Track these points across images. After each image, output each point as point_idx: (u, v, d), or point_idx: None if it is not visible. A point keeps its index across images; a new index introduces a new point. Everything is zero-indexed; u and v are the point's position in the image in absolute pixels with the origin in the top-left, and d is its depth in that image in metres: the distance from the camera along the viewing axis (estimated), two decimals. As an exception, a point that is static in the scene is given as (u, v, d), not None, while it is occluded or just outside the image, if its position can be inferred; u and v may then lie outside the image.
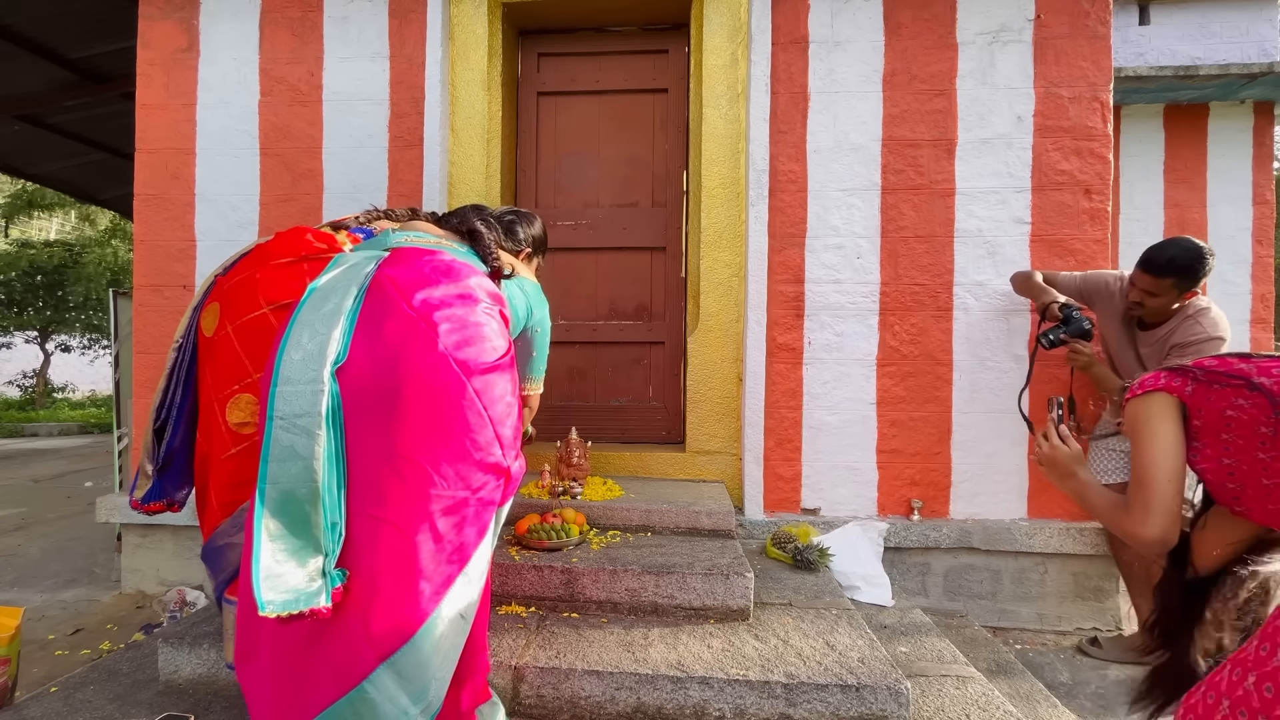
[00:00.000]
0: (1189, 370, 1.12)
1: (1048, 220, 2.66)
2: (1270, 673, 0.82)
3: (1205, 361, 1.13)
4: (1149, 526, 1.09)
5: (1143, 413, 1.14)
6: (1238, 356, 1.11)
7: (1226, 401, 1.05)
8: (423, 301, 1.22)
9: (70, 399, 12.23)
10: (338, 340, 1.18)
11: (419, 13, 2.87)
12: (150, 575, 2.97)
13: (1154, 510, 1.09)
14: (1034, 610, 2.67)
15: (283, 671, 1.13)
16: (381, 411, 1.16)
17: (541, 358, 1.70)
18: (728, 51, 2.85)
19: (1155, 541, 1.10)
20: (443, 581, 1.17)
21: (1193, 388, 1.09)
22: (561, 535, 2.07)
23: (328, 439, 1.12)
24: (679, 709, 1.57)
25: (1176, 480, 1.08)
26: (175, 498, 1.60)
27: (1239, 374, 1.06)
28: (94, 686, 1.77)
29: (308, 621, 1.09)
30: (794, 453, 2.72)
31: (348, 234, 1.63)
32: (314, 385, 1.14)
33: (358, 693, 1.10)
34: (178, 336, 1.57)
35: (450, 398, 1.18)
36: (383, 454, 1.15)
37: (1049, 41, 2.66)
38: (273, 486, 1.12)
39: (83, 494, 5.04)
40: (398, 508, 1.15)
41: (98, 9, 3.58)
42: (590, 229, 3.09)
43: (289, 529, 1.10)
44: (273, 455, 1.12)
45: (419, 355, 1.18)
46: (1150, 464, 1.10)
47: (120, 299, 3.29)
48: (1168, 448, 1.09)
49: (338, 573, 1.11)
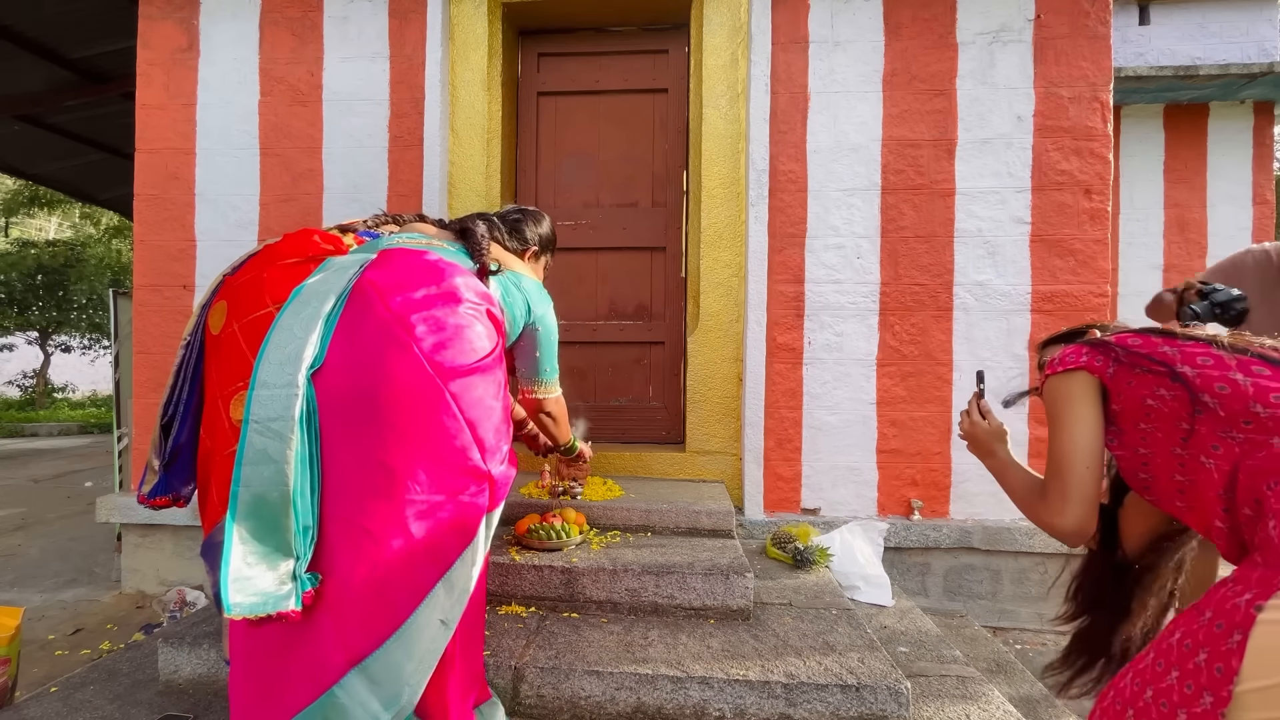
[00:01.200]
0: (1111, 348, 1.03)
1: (1048, 220, 2.66)
2: (1165, 689, 0.81)
3: (1128, 339, 1.04)
4: (1065, 516, 1.03)
5: (1063, 392, 1.05)
6: (1162, 336, 1.02)
7: (1147, 389, 0.97)
8: (400, 303, 1.22)
9: (70, 399, 12.24)
10: (314, 344, 1.18)
11: (419, 13, 2.87)
12: (150, 575, 2.97)
13: (1071, 499, 1.02)
14: (1034, 610, 2.66)
15: (255, 674, 1.13)
16: (357, 415, 1.16)
17: (547, 358, 1.65)
18: (728, 51, 2.85)
19: (1071, 532, 1.04)
20: (419, 586, 1.16)
21: (1114, 369, 1.01)
22: (561, 535, 2.07)
23: (300, 443, 1.12)
24: (679, 709, 1.56)
25: (1096, 468, 1.02)
26: (181, 492, 1.61)
27: (1162, 360, 0.97)
28: (94, 686, 1.77)
29: (280, 625, 1.09)
30: (794, 453, 2.72)
31: (355, 237, 1.63)
32: (288, 389, 1.14)
33: (328, 697, 1.09)
34: (186, 334, 1.58)
35: (425, 401, 1.17)
36: (357, 458, 1.15)
37: (1049, 41, 2.66)
38: (245, 489, 1.12)
39: (83, 494, 5.04)
40: (371, 512, 1.14)
41: (98, 9, 3.59)
42: (590, 229, 3.09)
43: (260, 532, 1.10)
44: (246, 458, 1.13)
45: (394, 358, 1.17)
46: (1069, 449, 1.03)
47: (120, 299, 3.29)
48: (1087, 432, 1.02)
49: (309, 576, 1.11)
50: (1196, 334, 1.00)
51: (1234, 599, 0.79)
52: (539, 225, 1.81)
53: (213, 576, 1.53)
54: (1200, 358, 0.95)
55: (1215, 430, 0.90)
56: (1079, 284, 2.64)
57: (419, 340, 1.19)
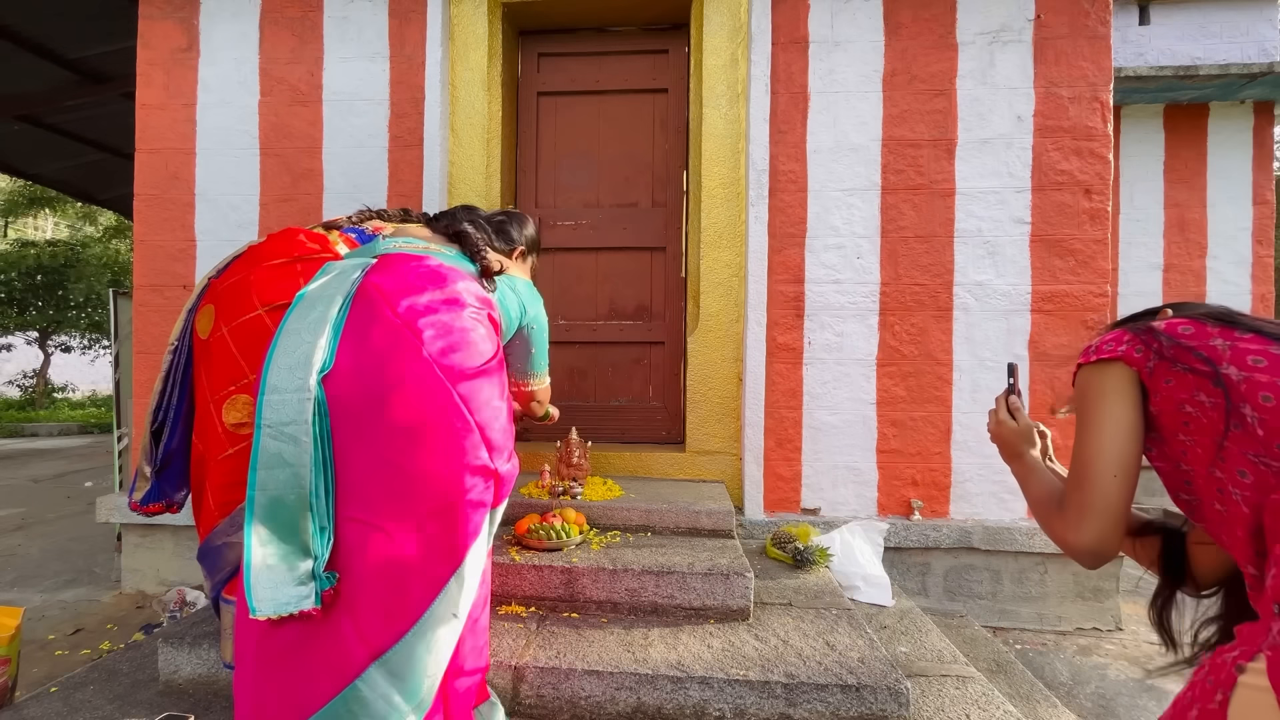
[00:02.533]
0: (1156, 336, 0.84)
1: (1048, 220, 2.66)
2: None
3: (1178, 326, 0.84)
4: (1081, 533, 0.85)
5: (1094, 385, 0.88)
6: (1221, 325, 0.81)
7: (1186, 393, 0.80)
8: (408, 308, 1.24)
9: (70, 399, 12.23)
10: (324, 348, 1.19)
11: (419, 13, 2.87)
12: (150, 575, 2.97)
13: (1089, 513, 0.84)
14: (1034, 610, 2.67)
15: (274, 674, 1.15)
16: (368, 418, 1.18)
17: (541, 353, 1.72)
18: (728, 51, 2.85)
19: (1086, 551, 0.86)
20: (433, 582, 1.18)
21: (1154, 364, 0.83)
22: (561, 535, 2.07)
23: (314, 446, 1.15)
24: (679, 709, 1.57)
25: (1124, 477, 0.84)
26: (174, 499, 1.60)
27: (1209, 355, 0.79)
28: (94, 686, 1.77)
29: (299, 623, 1.12)
30: (794, 453, 2.72)
31: (340, 234, 1.63)
32: (300, 393, 1.16)
33: (351, 690, 1.12)
34: (173, 339, 1.57)
35: (436, 403, 1.19)
36: (370, 459, 1.18)
37: (1049, 41, 2.66)
38: (261, 493, 1.14)
39: (83, 494, 5.04)
40: (385, 512, 1.17)
41: (98, 9, 3.58)
42: (590, 229, 3.09)
43: (278, 534, 1.13)
44: (261, 463, 1.15)
45: (404, 362, 1.19)
46: (1093, 454, 0.85)
47: (120, 299, 3.29)
48: (1118, 435, 0.84)
49: (328, 575, 1.13)
50: (1264, 324, 0.80)
51: (1225, 653, 0.70)
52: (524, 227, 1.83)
53: (211, 580, 1.53)
54: (1253, 357, 0.75)
55: (1246, 452, 0.73)
56: (1079, 284, 2.64)
57: (427, 344, 1.21)
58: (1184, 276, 4.27)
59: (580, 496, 2.39)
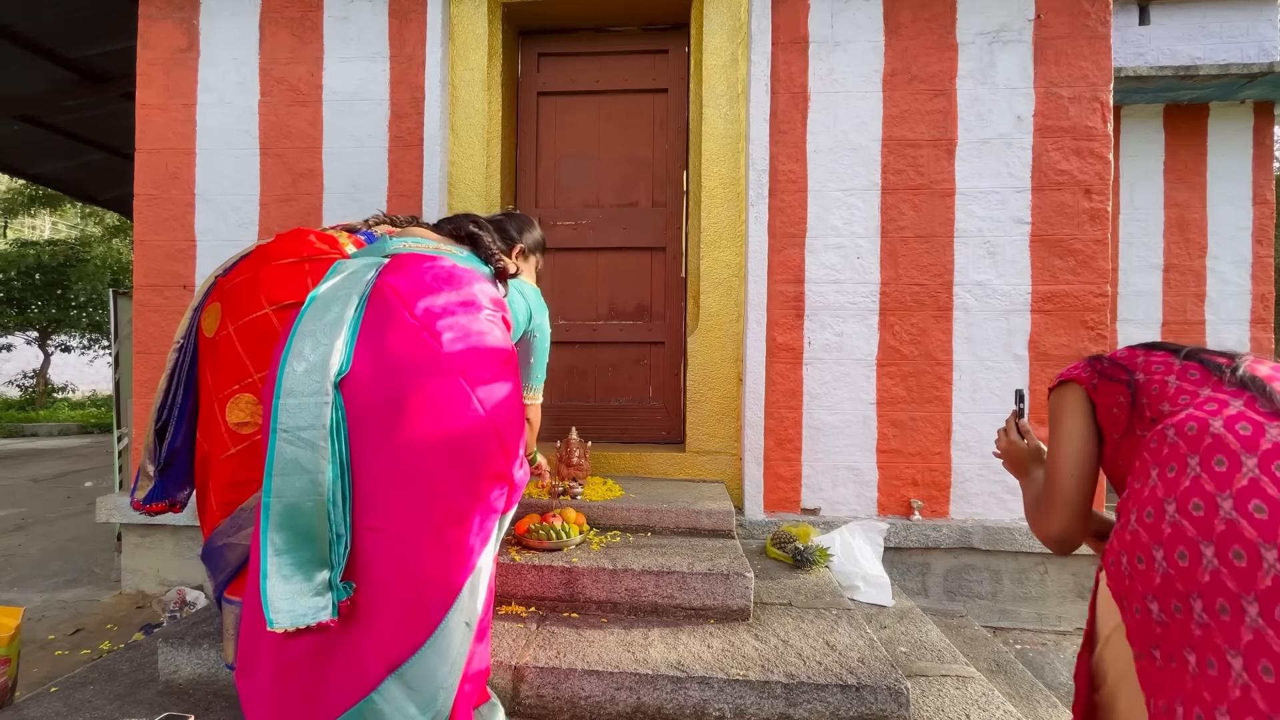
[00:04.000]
0: (1100, 360, 1.05)
1: (1048, 220, 2.66)
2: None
3: (1120, 351, 1.06)
4: (1050, 524, 1.05)
5: (1055, 404, 1.09)
6: (1150, 348, 1.02)
7: (1112, 398, 1.00)
8: (425, 310, 1.21)
9: (70, 399, 12.22)
10: (340, 351, 1.16)
11: (419, 13, 2.87)
12: (150, 575, 2.97)
13: (1056, 507, 1.04)
14: (1034, 610, 2.67)
15: (288, 685, 1.12)
16: (386, 423, 1.14)
17: (540, 366, 1.66)
18: (728, 51, 2.85)
19: (1054, 539, 1.05)
20: (449, 591, 1.16)
21: (1097, 381, 1.03)
22: (562, 535, 2.07)
23: (332, 452, 1.11)
24: (679, 709, 1.56)
25: (1080, 475, 1.03)
26: (177, 498, 1.60)
27: (1127, 366, 0.99)
28: (94, 686, 1.77)
29: (315, 635, 1.09)
30: (794, 453, 2.72)
31: (350, 236, 1.63)
32: (318, 398, 1.12)
33: (366, 704, 1.09)
34: (178, 337, 1.57)
35: (455, 408, 1.17)
36: (389, 465, 1.14)
37: (1049, 41, 2.66)
38: (277, 500, 1.10)
39: (83, 494, 5.04)
40: (404, 520, 1.13)
41: (98, 9, 3.58)
42: (590, 229, 3.09)
43: (295, 543, 1.09)
44: (277, 469, 1.11)
45: (422, 365, 1.16)
46: (1057, 458, 1.06)
47: (120, 299, 3.29)
48: (1073, 440, 1.04)
49: (345, 585, 1.10)
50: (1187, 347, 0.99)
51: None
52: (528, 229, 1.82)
53: (214, 580, 1.53)
54: (1156, 365, 0.97)
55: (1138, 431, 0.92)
56: (1079, 284, 2.64)
57: (446, 347, 1.18)
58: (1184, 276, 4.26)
59: (580, 496, 2.39)
